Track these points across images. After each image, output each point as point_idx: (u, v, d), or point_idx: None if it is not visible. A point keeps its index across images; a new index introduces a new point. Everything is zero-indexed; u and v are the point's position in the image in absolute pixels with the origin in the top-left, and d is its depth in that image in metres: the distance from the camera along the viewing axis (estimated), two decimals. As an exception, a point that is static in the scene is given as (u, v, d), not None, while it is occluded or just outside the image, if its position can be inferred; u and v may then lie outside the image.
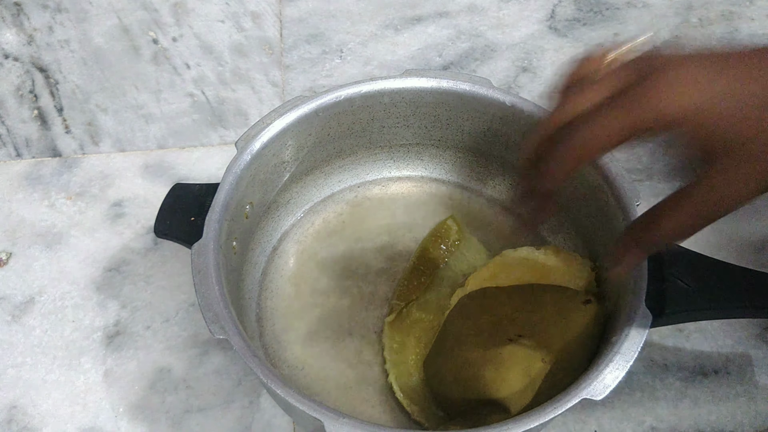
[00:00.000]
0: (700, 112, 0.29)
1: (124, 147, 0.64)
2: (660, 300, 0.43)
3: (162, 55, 0.70)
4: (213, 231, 0.45)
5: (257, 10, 0.74)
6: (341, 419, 0.38)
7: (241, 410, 0.50)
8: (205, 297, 0.42)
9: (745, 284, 0.44)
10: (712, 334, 0.52)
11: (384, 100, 0.53)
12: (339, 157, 0.56)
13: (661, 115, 0.29)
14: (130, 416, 0.50)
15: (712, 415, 0.49)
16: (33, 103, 0.67)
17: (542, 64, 0.69)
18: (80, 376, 0.52)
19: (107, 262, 0.57)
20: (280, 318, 0.52)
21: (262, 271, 0.54)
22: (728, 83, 0.29)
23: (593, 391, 0.39)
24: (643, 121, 0.30)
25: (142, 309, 0.54)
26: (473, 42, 0.71)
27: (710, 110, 0.29)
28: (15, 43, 0.71)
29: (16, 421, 0.50)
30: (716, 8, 0.73)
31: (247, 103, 0.67)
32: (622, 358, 0.40)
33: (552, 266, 0.48)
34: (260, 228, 0.53)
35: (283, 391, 0.39)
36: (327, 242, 0.55)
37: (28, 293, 0.56)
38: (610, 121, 0.30)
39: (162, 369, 0.52)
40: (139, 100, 0.67)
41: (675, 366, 0.51)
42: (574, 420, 0.49)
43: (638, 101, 0.29)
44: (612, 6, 0.74)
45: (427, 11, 0.73)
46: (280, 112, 0.50)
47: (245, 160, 0.48)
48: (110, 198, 0.61)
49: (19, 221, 0.59)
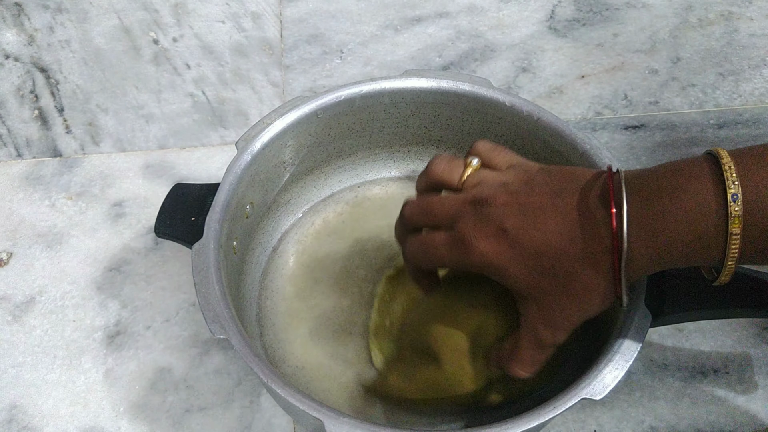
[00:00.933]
0: (499, 264, 0.38)
1: (125, 147, 0.64)
2: (659, 300, 0.43)
3: (162, 55, 0.70)
4: (213, 231, 0.45)
5: (257, 10, 0.74)
6: (341, 419, 0.38)
7: (241, 410, 0.50)
8: (205, 297, 0.42)
9: (745, 284, 0.44)
10: (711, 334, 0.52)
11: (384, 101, 0.53)
12: (339, 157, 0.56)
13: (475, 262, 0.38)
14: (131, 416, 0.50)
15: (711, 414, 0.49)
16: (33, 104, 0.67)
17: (542, 65, 0.69)
18: (81, 375, 0.52)
19: (108, 262, 0.57)
20: (280, 318, 0.52)
21: (262, 271, 0.54)
22: (519, 238, 0.37)
23: (593, 391, 0.39)
24: (466, 265, 0.39)
25: (143, 309, 0.54)
26: (473, 42, 0.71)
27: (504, 264, 0.38)
28: (16, 43, 0.71)
29: (17, 420, 0.50)
30: (716, 8, 0.73)
31: (248, 103, 0.67)
32: (621, 357, 0.40)
33: None
34: (260, 228, 0.53)
35: (283, 391, 0.39)
36: (327, 242, 0.55)
37: (29, 293, 0.56)
38: (444, 250, 0.40)
39: (162, 369, 0.52)
40: (139, 101, 0.67)
41: (674, 366, 0.51)
42: (573, 420, 0.49)
43: (463, 247, 0.38)
44: (612, 6, 0.74)
45: (427, 12, 0.74)
46: (280, 112, 0.50)
47: (245, 160, 0.48)
48: (111, 198, 0.61)
49: (19, 221, 0.59)
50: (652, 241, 0.35)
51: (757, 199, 0.32)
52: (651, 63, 0.69)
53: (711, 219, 0.33)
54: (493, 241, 0.38)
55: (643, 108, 0.66)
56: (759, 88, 0.67)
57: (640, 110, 0.66)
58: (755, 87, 0.67)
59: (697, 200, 0.34)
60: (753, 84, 0.67)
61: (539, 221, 0.37)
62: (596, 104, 0.66)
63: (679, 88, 0.67)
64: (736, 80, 0.67)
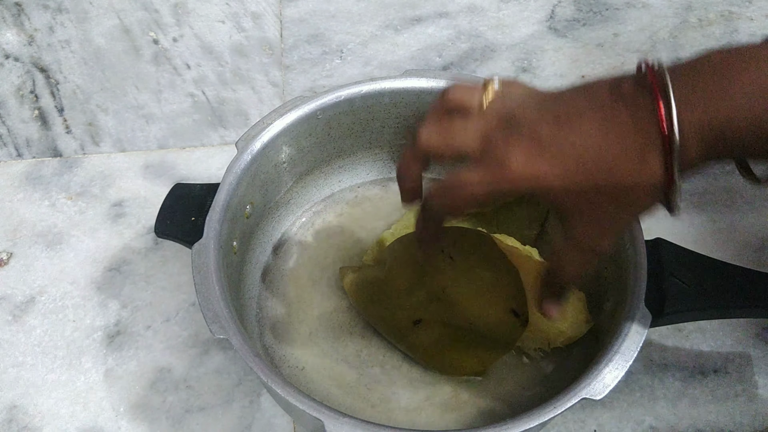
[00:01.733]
0: (543, 182, 0.34)
1: (125, 147, 0.64)
2: (659, 300, 0.43)
3: (162, 55, 0.70)
4: (213, 231, 0.45)
5: (257, 10, 0.74)
6: (341, 419, 0.38)
7: (241, 410, 0.50)
8: (205, 297, 0.42)
9: (745, 284, 0.44)
10: (711, 333, 0.52)
11: (384, 101, 0.53)
12: (339, 157, 0.56)
13: (516, 186, 0.35)
14: (131, 416, 0.50)
15: (711, 414, 0.49)
16: (34, 103, 0.67)
17: (542, 65, 0.69)
18: (81, 375, 0.52)
19: (108, 262, 0.57)
20: (280, 318, 0.52)
21: (262, 271, 0.54)
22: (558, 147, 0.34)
23: (593, 391, 0.39)
24: (505, 195, 0.35)
25: (143, 309, 0.54)
26: (473, 42, 0.71)
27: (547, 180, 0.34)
28: (16, 43, 0.71)
29: (17, 420, 0.50)
30: (715, 8, 0.73)
31: (248, 103, 0.67)
32: (621, 357, 0.40)
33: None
34: (260, 228, 0.53)
35: (283, 391, 0.39)
36: (327, 242, 0.55)
37: (29, 293, 0.56)
38: (477, 186, 0.35)
39: (162, 369, 0.52)
40: (139, 101, 0.67)
41: (674, 366, 0.51)
42: (573, 420, 0.49)
43: (500, 171, 0.34)
44: (612, 6, 0.74)
45: (427, 12, 0.74)
46: (280, 112, 0.50)
47: (245, 160, 0.48)
48: (111, 198, 0.61)
49: (19, 221, 0.59)
50: (706, 126, 0.31)
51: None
52: (651, 63, 0.69)
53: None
54: (533, 158, 0.34)
55: (643, 108, 0.66)
56: (759, 88, 0.67)
57: (640, 110, 0.66)
58: (755, 87, 0.67)
59: (758, 81, 0.31)
60: (753, 84, 0.67)
61: (576, 126, 0.34)
62: (596, 104, 0.66)
63: (679, 88, 0.67)
64: (736, 80, 0.67)
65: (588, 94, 0.34)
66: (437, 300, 0.46)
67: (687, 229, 0.56)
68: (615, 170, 0.33)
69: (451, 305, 0.46)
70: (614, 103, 0.33)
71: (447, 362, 0.47)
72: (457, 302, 0.46)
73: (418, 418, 0.48)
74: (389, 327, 0.49)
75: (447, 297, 0.46)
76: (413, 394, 0.49)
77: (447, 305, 0.46)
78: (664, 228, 0.49)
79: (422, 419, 0.48)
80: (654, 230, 0.47)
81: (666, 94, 0.31)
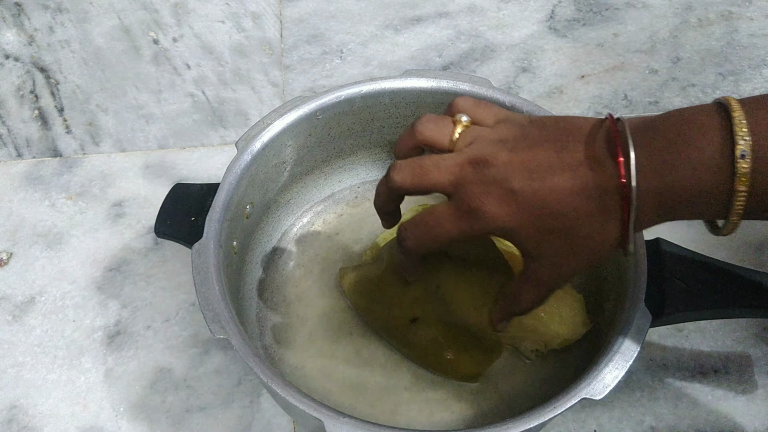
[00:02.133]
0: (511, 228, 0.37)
1: (125, 147, 0.64)
2: (659, 300, 0.43)
3: (162, 55, 0.70)
4: (213, 231, 0.45)
5: (257, 10, 0.74)
6: (341, 419, 0.38)
7: (241, 410, 0.50)
8: (205, 296, 0.42)
9: (745, 284, 0.44)
10: (711, 333, 0.52)
11: (384, 101, 0.53)
12: (339, 157, 0.56)
13: (487, 230, 0.37)
14: (131, 416, 0.50)
15: (711, 414, 0.49)
16: (33, 103, 0.67)
17: (542, 65, 0.69)
18: (81, 375, 0.52)
19: (108, 262, 0.57)
20: (280, 318, 0.52)
21: (262, 271, 0.54)
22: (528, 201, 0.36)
23: (593, 391, 0.39)
24: (474, 234, 0.38)
25: (143, 309, 0.54)
26: (473, 42, 0.71)
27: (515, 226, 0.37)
28: (16, 43, 0.71)
29: (17, 420, 0.50)
30: (715, 8, 0.73)
31: (248, 103, 0.67)
32: (621, 357, 0.40)
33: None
34: (260, 228, 0.53)
35: (283, 391, 0.39)
36: (327, 242, 0.55)
37: (29, 293, 0.56)
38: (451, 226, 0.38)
39: (162, 369, 0.52)
40: (139, 101, 0.67)
41: (674, 366, 0.51)
42: (573, 419, 0.49)
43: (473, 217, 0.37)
44: (612, 6, 0.74)
45: (427, 12, 0.74)
46: (280, 112, 0.50)
47: (245, 160, 0.48)
48: (111, 198, 0.61)
49: (19, 221, 0.59)
50: (658, 193, 0.34)
51: (766, 154, 0.32)
52: (651, 63, 0.69)
53: (718, 175, 0.33)
54: (503, 203, 0.36)
55: (643, 108, 0.66)
56: (759, 88, 0.67)
57: (640, 110, 0.66)
58: (755, 87, 0.67)
59: (704, 155, 0.33)
60: (753, 84, 0.67)
61: (548, 180, 0.36)
62: (596, 104, 0.66)
63: (679, 88, 0.67)
64: (736, 80, 0.67)
65: (561, 147, 0.36)
66: (433, 297, 0.46)
67: (687, 229, 0.56)
68: (578, 227, 0.36)
69: (446, 303, 0.46)
70: (584, 167, 0.35)
71: (443, 362, 0.47)
72: (452, 300, 0.46)
73: (417, 418, 0.48)
74: (387, 326, 0.49)
75: (442, 295, 0.46)
76: (413, 394, 0.48)
77: (442, 303, 0.46)
78: (664, 228, 0.48)
79: (422, 419, 0.48)
80: (654, 230, 0.47)
81: (628, 165, 0.34)
